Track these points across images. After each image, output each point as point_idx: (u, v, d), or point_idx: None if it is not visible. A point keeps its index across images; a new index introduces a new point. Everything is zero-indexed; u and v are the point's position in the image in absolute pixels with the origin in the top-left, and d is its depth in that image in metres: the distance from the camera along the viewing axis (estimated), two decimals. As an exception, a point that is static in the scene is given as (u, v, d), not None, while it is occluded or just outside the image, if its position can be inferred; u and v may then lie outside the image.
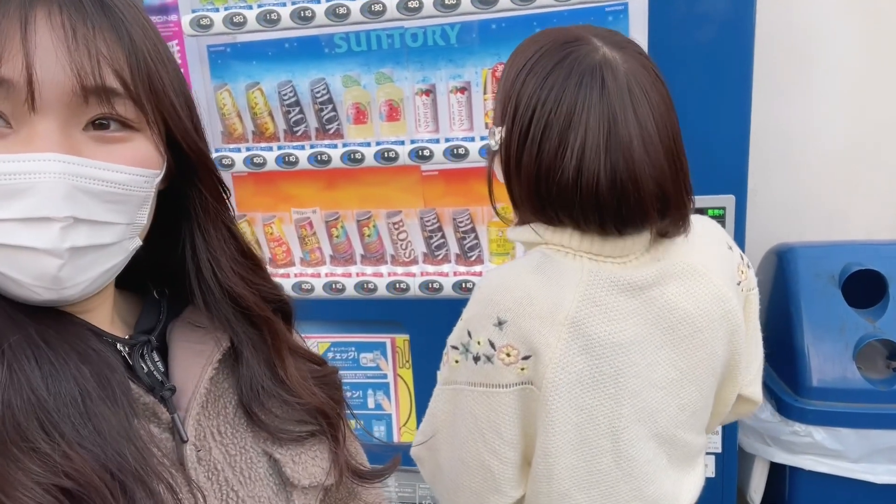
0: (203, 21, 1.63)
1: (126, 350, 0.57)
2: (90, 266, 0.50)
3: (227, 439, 0.59)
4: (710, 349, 0.95)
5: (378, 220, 1.73)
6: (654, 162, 0.85)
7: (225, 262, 0.60)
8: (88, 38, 0.47)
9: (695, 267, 0.93)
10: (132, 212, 0.52)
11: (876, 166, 2.06)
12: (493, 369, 0.89)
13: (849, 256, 1.77)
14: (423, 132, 1.66)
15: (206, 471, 0.57)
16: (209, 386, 0.59)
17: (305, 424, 0.64)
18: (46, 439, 0.45)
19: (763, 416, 1.75)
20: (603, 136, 0.83)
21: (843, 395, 1.67)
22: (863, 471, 1.65)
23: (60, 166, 0.46)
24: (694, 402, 0.96)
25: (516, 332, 0.88)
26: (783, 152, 2.06)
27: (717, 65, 1.44)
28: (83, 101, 0.48)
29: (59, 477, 0.44)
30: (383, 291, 1.70)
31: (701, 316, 0.92)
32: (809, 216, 2.11)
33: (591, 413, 0.90)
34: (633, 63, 0.88)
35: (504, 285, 0.90)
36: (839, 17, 1.96)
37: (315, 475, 0.64)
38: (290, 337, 0.67)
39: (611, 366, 0.89)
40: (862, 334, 1.69)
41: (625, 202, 0.84)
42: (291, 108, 1.71)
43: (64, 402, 0.47)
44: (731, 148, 1.47)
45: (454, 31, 1.59)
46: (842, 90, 2.01)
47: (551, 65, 0.86)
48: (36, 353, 0.48)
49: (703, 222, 1.02)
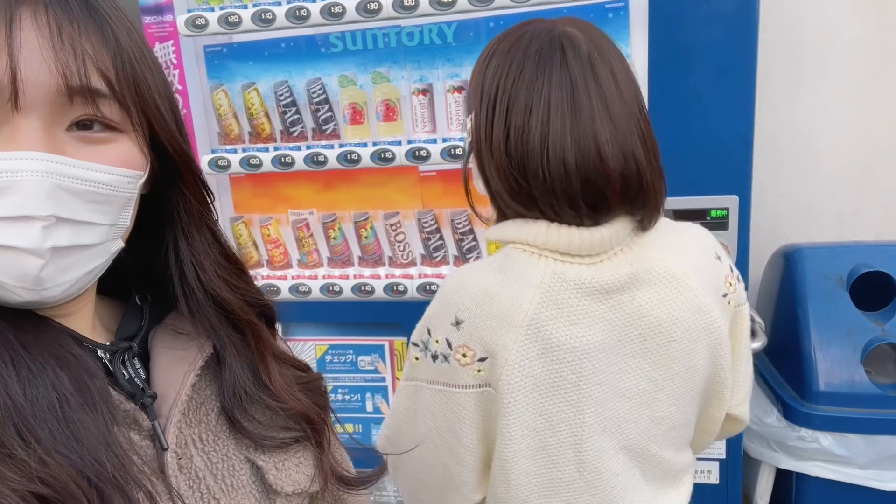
0: (198, 21, 1.62)
1: (107, 356, 0.56)
2: (72, 267, 0.50)
3: (209, 447, 0.58)
4: (688, 362, 0.90)
5: (376, 221, 1.71)
6: (619, 127, 0.83)
7: (209, 266, 0.59)
8: (74, 38, 0.47)
9: (673, 274, 0.88)
10: (115, 213, 0.52)
11: (885, 166, 2.02)
12: (449, 369, 0.88)
13: (857, 258, 1.73)
14: (421, 132, 1.64)
15: (188, 479, 0.56)
16: (191, 393, 0.58)
17: (289, 430, 0.63)
18: (22, 445, 0.44)
19: (769, 421, 1.72)
20: (567, 102, 0.82)
21: (851, 399, 1.63)
22: (871, 478, 1.61)
23: (43, 164, 0.46)
24: (670, 416, 0.91)
25: (473, 332, 0.86)
26: (791, 152, 2.02)
27: (720, 63, 1.40)
28: (68, 100, 0.47)
29: (34, 483, 0.43)
30: (381, 293, 1.68)
31: (676, 325, 0.87)
32: (818, 217, 2.07)
33: (551, 419, 0.87)
34: (594, 33, 0.88)
35: (464, 284, 0.88)
36: (848, 16, 1.92)
37: (299, 482, 0.63)
38: (273, 342, 0.67)
39: (572, 371, 0.85)
40: (870, 337, 1.65)
41: (590, 167, 0.82)
42: (288, 109, 1.69)
43: (41, 407, 0.46)
44: (735, 148, 1.44)
45: (451, 30, 1.57)
46: (851, 90, 1.97)
47: (511, 43, 0.88)
48: (14, 357, 0.47)
49: (692, 230, 0.97)
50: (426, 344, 0.90)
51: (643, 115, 0.87)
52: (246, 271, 0.65)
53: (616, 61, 0.86)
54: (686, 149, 1.45)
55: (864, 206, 2.05)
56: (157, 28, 1.68)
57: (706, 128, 1.43)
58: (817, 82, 1.97)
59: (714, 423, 1.01)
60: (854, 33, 1.93)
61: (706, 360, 0.91)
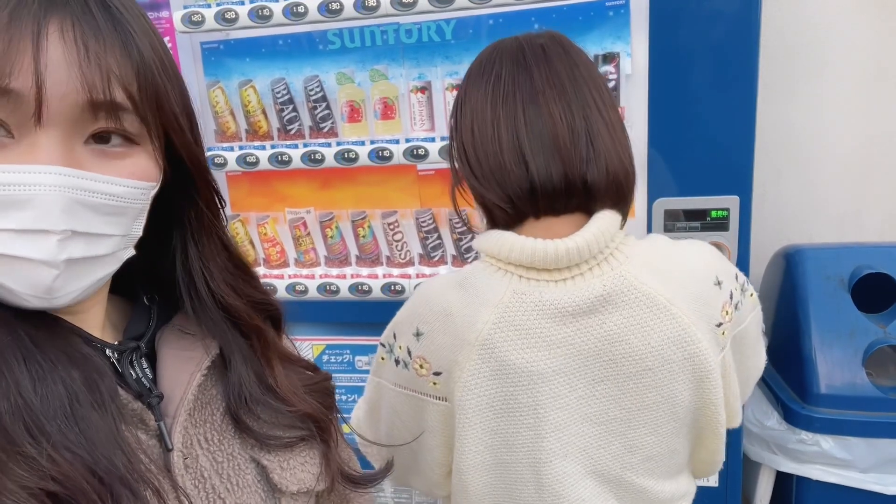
0: (195, 17, 1.60)
1: (115, 356, 0.57)
2: (83, 275, 0.51)
3: (215, 446, 0.59)
4: (667, 392, 0.84)
5: (373, 220, 1.70)
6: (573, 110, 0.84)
7: (217, 273, 0.60)
8: (100, 55, 0.48)
9: (654, 298, 0.82)
10: (128, 224, 0.53)
11: (887, 168, 2.00)
12: (409, 376, 0.89)
13: (859, 259, 1.71)
14: (419, 131, 1.62)
15: (193, 478, 0.57)
16: (197, 393, 0.59)
17: (294, 429, 0.64)
18: (33, 443, 0.45)
19: (769, 424, 1.70)
20: (525, 92, 0.84)
21: (852, 402, 1.61)
22: (872, 481, 1.60)
23: (60, 179, 0.47)
24: (648, 445, 0.87)
25: (430, 346, 0.86)
26: (793, 153, 2.01)
27: (721, 62, 1.39)
28: (91, 115, 0.48)
29: (45, 480, 0.44)
30: (378, 293, 1.67)
31: (651, 354, 0.82)
32: (820, 218, 2.05)
33: (508, 440, 0.86)
34: (554, 44, 0.90)
35: (427, 298, 0.88)
36: (850, 16, 1.90)
37: (304, 481, 0.64)
38: (280, 344, 0.68)
39: (527, 395, 0.83)
40: (872, 339, 1.63)
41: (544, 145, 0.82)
42: (285, 106, 1.67)
43: (52, 405, 0.47)
44: (736, 148, 1.42)
45: (450, 27, 1.55)
46: (852, 91, 1.95)
47: (481, 60, 0.92)
48: (25, 355, 0.48)
49: (692, 251, 0.90)
50: (391, 347, 0.91)
51: (608, 105, 0.86)
52: (254, 276, 0.66)
53: (574, 52, 0.88)
54: (687, 149, 1.43)
55: (866, 207, 2.04)
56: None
57: (707, 128, 1.42)
58: (818, 83, 1.95)
59: (714, 454, 0.96)
60: (856, 34, 1.92)
61: (689, 393, 0.86)
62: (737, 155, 1.43)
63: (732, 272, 0.92)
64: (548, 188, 0.82)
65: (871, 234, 2.02)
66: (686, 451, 0.93)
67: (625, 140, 0.87)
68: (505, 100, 0.85)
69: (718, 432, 0.91)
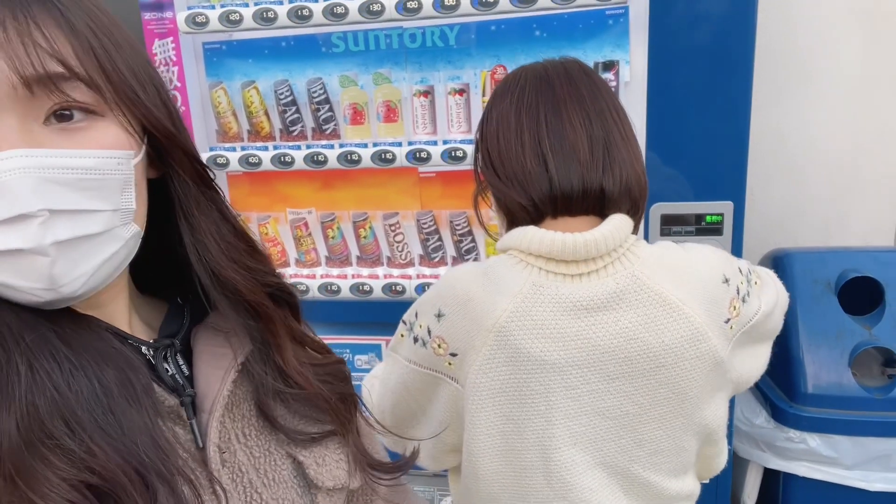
0: (198, 18, 1.61)
1: (150, 353, 0.57)
2: (83, 259, 0.49)
3: (252, 441, 0.59)
4: (679, 388, 0.89)
5: (374, 221, 1.72)
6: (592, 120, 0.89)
7: (212, 245, 0.58)
8: (21, 30, 0.46)
9: (666, 298, 0.86)
10: (114, 197, 0.51)
11: (874, 173, 2.06)
12: (426, 354, 0.93)
13: (845, 263, 1.76)
14: (421, 134, 1.65)
15: (231, 473, 0.57)
16: (233, 388, 0.59)
17: (320, 424, 0.63)
18: (71, 436, 0.45)
19: (758, 422, 1.75)
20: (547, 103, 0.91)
21: (839, 402, 1.67)
22: (857, 478, 1.65)
23: (24, 161, 0.46)
24: (656, 439, 0.91)
25: (449, 328, 0.90)
26: (781, 158, 2.06)
27: (718, 69, 1.43)
28: (28, 92, 0.47)
29: (84, 473, 0.44)
30: (379, 293, 1.69)
31: (666, 352, 0.87)
32: (807, 222, 2.10)
33: (519, 425, 0.90)
34: (576, 68, 0.95)
35: (452, 283, 0.94)
36: (839, 24, 1.96)
37: (339, 477, 0.63)
38: (291, 325, 0.64)
39: (539, 383, 0.87)
40: (858, 341, 1.69)
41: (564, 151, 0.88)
42: (288, 108, 1.69)
43: (86, 399, 0.47)
44: (730, 154, 1.46)
45: (453, 33, 1.58)
46: (840, 97, 2.01)
47: (506, 79, 0.98)
48: (54, 352, 0.48)
49: (700, 252, 0.95)
50: (412, 325, 0.96)
51: (621, 129, 0.92)
52: (259, 250, 0.62)
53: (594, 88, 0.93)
54: (683, 155, 1.47)
55: (853, 213, 2.09)
56: (156, 24, 1.67)
57: (703, 134, 1.46)
58: (806, 89, 2.01)
59: (721, 453, 1.02)
60: (845, 41, 1.97)
61: (699, 389, 0.90)
62: (731, 161, 1.47)
63: (736, 266, 0.97)
64: (566, 190, 0.88)
65: (857, 238, 2.08)
66: (693, 449, 0.96)
67: (638, 152, 0.92)
68: (528, 109, 0.91)
69: (723, 429, 0.97)
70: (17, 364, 0.46)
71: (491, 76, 1.58)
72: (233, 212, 0.61)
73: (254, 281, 0.60)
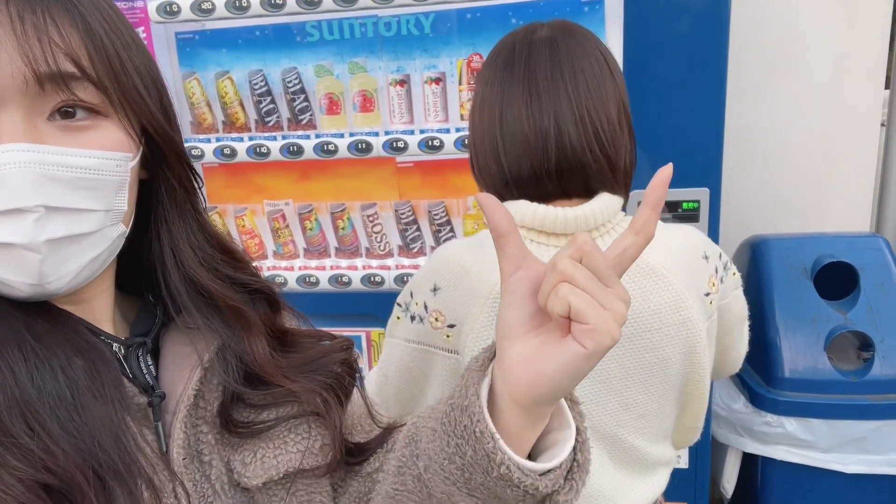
0: (170, 7, 1.59)
1: (121, 351, 0.56)
2: (72, 257, 0.49)
3: (203, 446, 0.58)
4: (663, 354, 0.93)
5: (352, 212, 1.71)
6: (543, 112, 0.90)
7: (188, 253, 0.58)
8: (38, 26, 0.46)
9: (653, 267, 0.91)
10: (109, 197, 0.51)
11: (848, 161, 2.08)
12: (424, 330, 0.95)
13: (821, 248, 1.78)
14: (398, 123, 1.64)
15: (192, 476, 0.56)
16: (198, 388, 0.58)
17: (278, 409, 0.61)
18: (29, 434, 0.44)
19: (736, 407, 1.77)
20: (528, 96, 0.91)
21: (815, 385, 1.69)
22: (833, 461, 1.68)
23: (25, 155, 0.46)
24: (641, 403, 0.95)
25: (446, 300, 0.92)
26: (760, 147, 2.07)
27: (693, 59, 1.43)
28: (39, 88, 0.47)
29: (41, 473, 0.44)
30: (358, 285, 1.68)
31: (652, 317, 0.91)
32: (784, 209, 2.12)
33: None
34: (567, 34, 0.95)
35: (444, 257, 0.96)
36: (816, 14, 1.97)
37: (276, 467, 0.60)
38: (277, 322, 0.64)
39: None
40: (833, 326, 1.71)
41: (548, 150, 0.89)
42: (263, 98, 1.67)
43: (50, 395, 0.46)
44: (706, 142, 1.47)
45: (429, 21, 1.56)
46: (817, 87, 2.02)
47: (493, 54, 0.97)
48: (22, 345, 0.47)
49: (682, 231, 1.00)
50: (408, 305, 0.97)
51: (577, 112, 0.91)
52: (241, 258, 0.63)
53: (584, 57, 0.92)
54: (660, 143, 1.47)
55: (828, 199, 2.11)
56: (127, 13, 1.63)
57: (679, 122, 1.46)
58: (784, 79, 2.02)
59: (697, 420, 1.05)
60: (821, 32, 1.98)
61: (681, 355, 0.94)
62: (707, 149, 1.48)
63: (717, 251, 1.02)
64: (520, 180, 0.92)
65: (834, 225, 2.10)
66: (673, 415, 1.01)
67: (600, 131, 0.91)
68: (490, 106, 0.93)
69: (703, 397, 1.00)
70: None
71: (467, 64, 1.57)
72: (210, 221, 0.61)
73: (231, 288, 0.60)
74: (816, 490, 1.72)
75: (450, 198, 1.66)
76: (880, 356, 1.68)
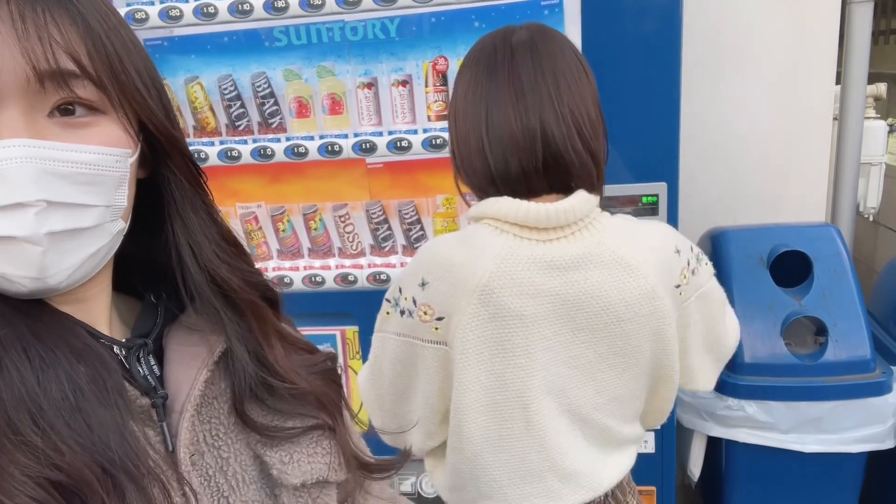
0: (138, 15, 1.61)
1: (122, 352, 0.57)
2: (73, 251, 0.50)
3: (220, 442, 0.59)
4: (634, 341, 0.99)
5: (324, 213, 1.74)
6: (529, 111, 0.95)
7: (206, 246, 0.59)
8: (38, 24, 0.47)
9: (627, 260, 0.96)
10: (109, 193, 0.52)
11: (803, 154, 2.17)
12: (413, 323, 0.98)
13: (777, 238, 1.86)
14: (367, 125, 1.67)
15: (200, 475, 0.57)
16: (204, 389, 0.58)
17: (303, 418, 0.63)
18: (38, 433, 0.45)
19: (700, 393, 1.83)
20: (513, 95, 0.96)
21: (773, 370, 1.76)
22: (792, 441, 1.75)
23: (26, 151, 0.46)
24: (613, 387, 1.01)
25: (434, 294, 0.96)
26: (717, 141, 2.14)
27: (648, 57, 1.49)
28: (40, 86, 0.47)
29: (49, 470, 0.44)
30: (331, 284, 1.71)
31: (625, 308, 0.96)
32: (743, 202, 2.20)
33: (502, 379, 0.97)
34: (540, 36, 1.00)
35: (432, 252, 1.00)
36: (765, 12, 2.05)
37: (311, 472, 0.62)
38: (278, 323, 0.65)
39: (521, 337, 0.95)
40: (789, 311, 1.78)
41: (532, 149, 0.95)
42: (233, 103, 1.69)
43: (55, 396, 0.47)
44: (663, 138, 1.53)
45: (394, 25, 1.60)
46: (771, 82, 2.10)
47: (472, 55, 1.03)
48: (26, 346, 0.48)
49: (654, 227, 1.07)
50: (397, 301, 1.01)
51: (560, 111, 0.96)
52: (246, 252, 0.63)
53: (561, 57, 0.98)
54: (618, 138, 1.52)
55: (785, 191, 2.20)
56: (95, 21, 1.65)
57: (636, 118, 1.52)
58: (739, 74, 2.10)
59: (666, 402, 1.11)
60: (773, 26, 2.06)
61: (650, 343, 1.00)
62: (664, 144, 1.54)
63: (688, 245, 1.08)
64: (507, 177, 0.97)
65: (790, 215, 2.18)
66: (643, 397, 1.07)
67: (582, 129, 0.97)
68: (475, 106, 0.98)
69: (672, 381, 1.07)
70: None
71: (433, 67, 1.61)
72: (220, 214, 0.62)
73: (244, 281, 0.61)
74: (778, 469, 1.80)
75: (419, 197, 1.70)
76: (833, 340, 1.76)
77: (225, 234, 0.61)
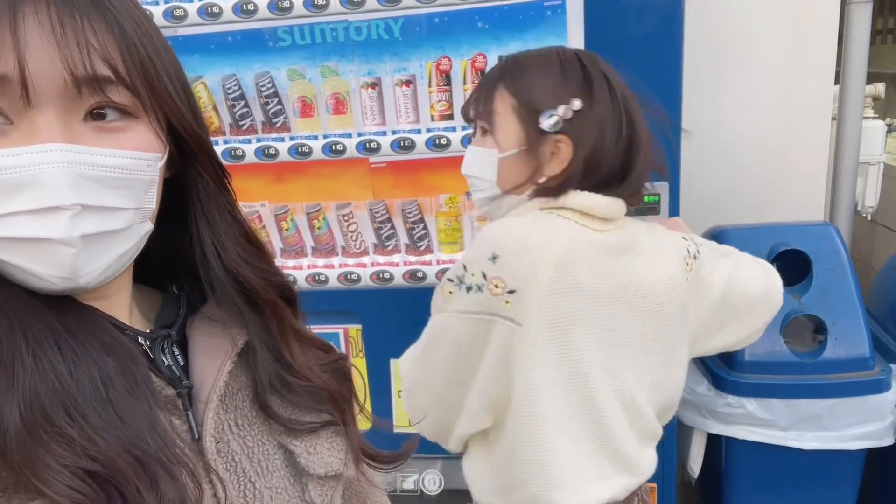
0: (143, 14, 1.61)
1: (147, 344, 0.58)
2: (103, 252, 0.51)
3: (245, 431, 0.61)
4: (670, 323, 1.08)
5: (328, 212, 1.75)
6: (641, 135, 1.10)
7: (231, 246, 0.60)
8: (77, 30, 0.48)
9: (661, 248, 1.09)
10: (139, 196, 0.53)
11: (801, 154, 2.18)
12: (482, 298, 0.98)
13: (776, 237, 1.87)
14: (370, 125, 1.68)
15: (226, 463, 0.58)
16: (228, 379, 0.60)
17: (319, 414, 0.65)
18: (72, 424, 0.46)
19: (700, 391, 1.85)
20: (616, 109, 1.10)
21: (773, 367, 1.78)
22: (791, 438, 1.77)
23: (63, 155, 0.48)
24: (655, 370, 1.08)
25: (506, 266, 0.97)
26: (718, 142, 2.16)
27: (650, 58, 1.50)
28: (76, 91, 0.49)
29: (84, 460, 0.45)
30: (335, 283, 1.72)
31: (664, 291, 1.06)
32: (742, 201, 2.22)
33: (571, 354, 1.01)
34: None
35: (503, 228, 1.04)
36: (764, 13, 2.06)
37: (331, 465, 0.65)
38: (294, 321, 0.67)
39: (590, 312, 1.00)
40: (788, 310, 1.80)
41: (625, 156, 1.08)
42: (236, 102, 1.70)
43: (88, 389, 0.48)
44: (664, 139, 1.54)
45: (398, 25, 1.61)
46: (770, 84, 2.12)
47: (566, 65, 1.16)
48: (59, 340, 0.49)
49: (658, 223, 1.20)
50: (461, 279, 1.00)
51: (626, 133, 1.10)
52: (267, 253, 0.65)
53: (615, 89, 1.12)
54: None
55: (784, 190, 2.21)
56: (99, 21, 1.66)
57: (639, 119, 1.53)
58: (739, 74, 2.11)
59: (677, 388, 1.19)
60: (773, 27, 2.08)
61: (680, 321, 1.10)
62: (665, 146, 1.55)
63: (692, 235, 1.21)
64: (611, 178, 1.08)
65: (790, 214, 2.20)
66: (680, 386, 1.17)
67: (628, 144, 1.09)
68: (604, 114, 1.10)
69: (685, 363, 1.16)
70: (23, 353, 0.48)
71: (436, 67, 1.62)
72: (243, 215, 0.63)
73: (265, 280, 0.62)
74: (777, 466, 1.82)
75: (423, 196, 1.71)
76: (833, 338, 1.77)
77: (248, 234, 0.63)
